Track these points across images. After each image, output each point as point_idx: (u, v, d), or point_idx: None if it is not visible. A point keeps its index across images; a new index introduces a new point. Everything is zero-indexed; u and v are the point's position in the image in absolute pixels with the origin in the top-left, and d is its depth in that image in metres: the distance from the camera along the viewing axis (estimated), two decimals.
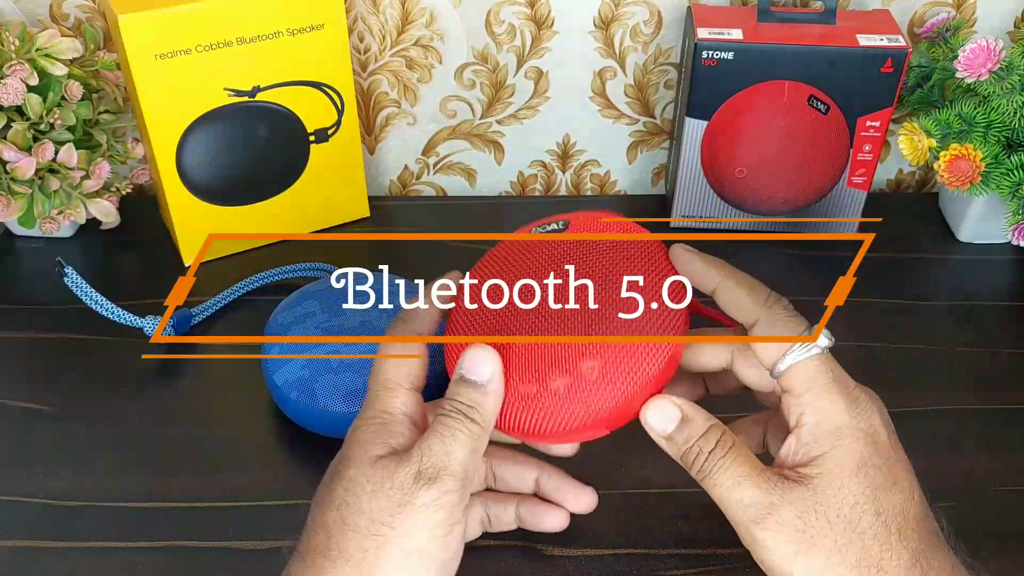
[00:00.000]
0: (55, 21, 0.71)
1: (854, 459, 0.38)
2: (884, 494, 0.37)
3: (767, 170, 0.71)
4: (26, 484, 0.54)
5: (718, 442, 0.39)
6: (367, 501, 0.38)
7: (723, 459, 0.39)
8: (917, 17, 0.73)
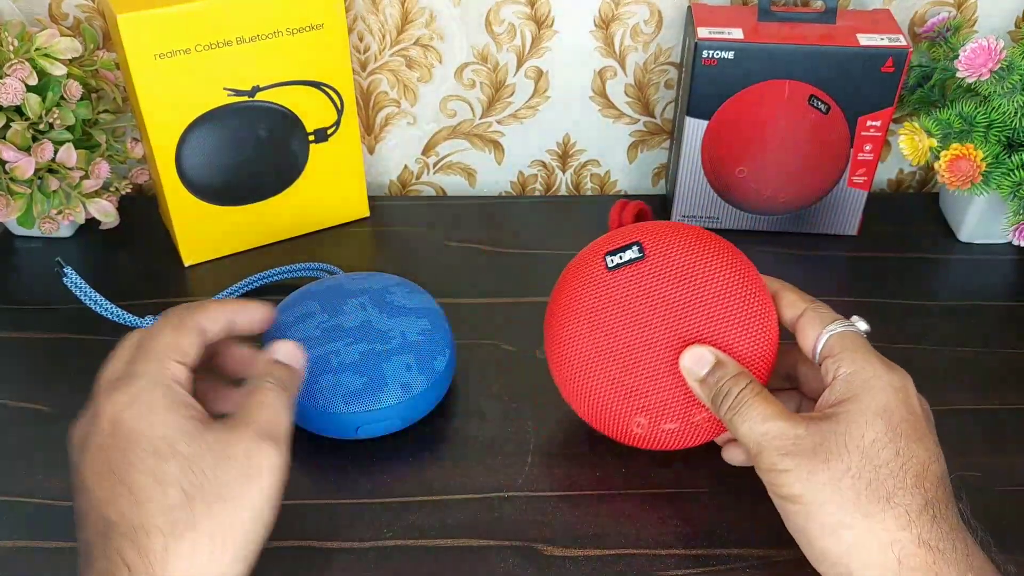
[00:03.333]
0: (54, 21, 0.71)
1: (880, 403, 0.40)
2: (907, 442, 0.40)
3: (768, 170, 0.71)
4: (26, 484, 0.54)
5: (748, 384, 0.43)
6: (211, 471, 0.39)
7: (754, 398, 0.42)
8: (918, 17, 0.73)
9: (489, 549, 0.50)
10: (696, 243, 0.47)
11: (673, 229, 0.48)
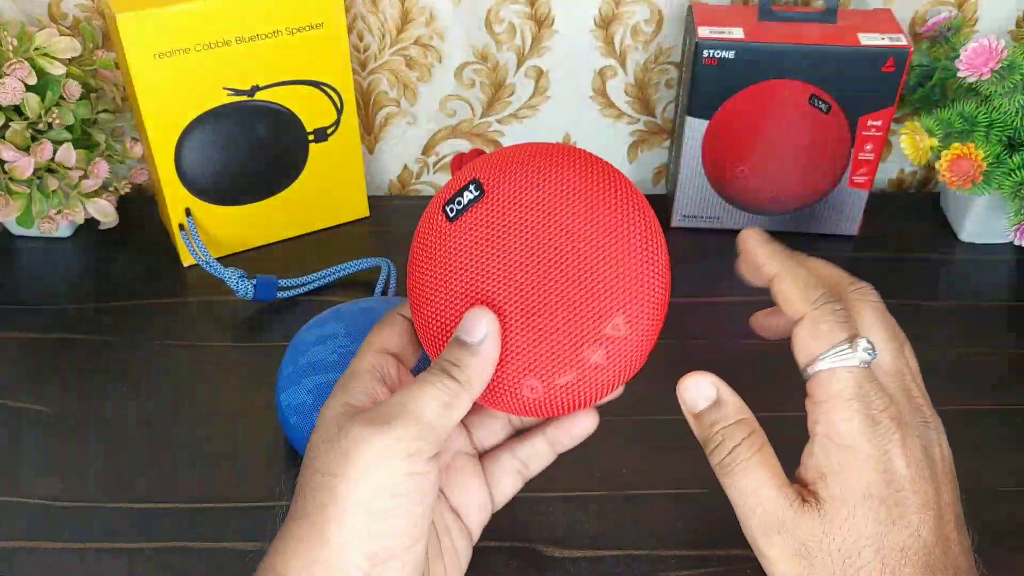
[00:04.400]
0: (53, 20, 0.71)
1: (861, 487, 0.36)
2: (889, 529, 0.36)
3: (768, 169, 0.71)
4: (25, 484, 0.54)
5: (745, 439, 0.38)
6: (321, 458, 0.36)
7: (747, 460, 0.37)
8: (918, 16, 0.73)
9: (490, 550, 0.50)
10: (542, 161, 0.39)
11: (514, 152, 0.40)
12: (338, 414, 0.37)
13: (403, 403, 0.36)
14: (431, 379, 0.37)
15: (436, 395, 0.37)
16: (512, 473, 0.44)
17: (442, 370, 0.37)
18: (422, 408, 0.36)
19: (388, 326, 0.41)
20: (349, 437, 0.36)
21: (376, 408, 0.37)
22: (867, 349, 0.37)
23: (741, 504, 0.38)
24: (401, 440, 0.35)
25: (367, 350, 0.41)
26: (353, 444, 0.35)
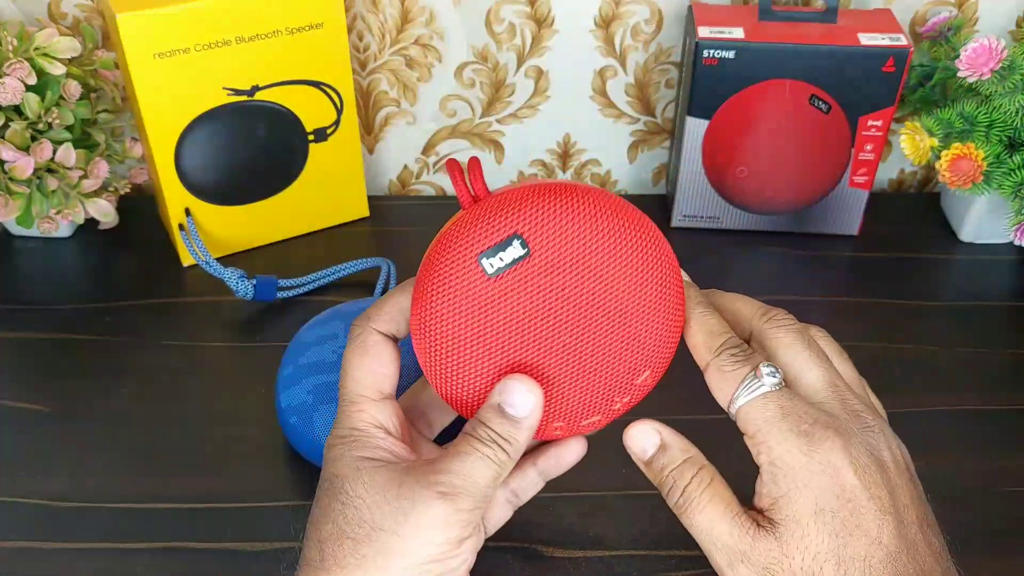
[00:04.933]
0: (53, 20, 0.71)
1: (810, 504, 0.36)
2: (847, 540, 0.36)
3: (768, 169, 0.71)
4: (25, 484, 0.54)
5: (693, 477, 0.39)
6: (367, 511, 0.37)
7: (699, 497, 0.38)
8: (919, 16, 0.73)
9: (489, 550, 0.50)
10: (586, 219, 0.38)
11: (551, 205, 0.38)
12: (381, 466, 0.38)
13: (466, 476, 0.37)
14: (485, 451, 0.38)
15: (492, 468, 0.38)
16: (503, 504, 0.45)
17: (494, 442, 0.38)
18: (481, 481, 0.37)
19: (370, 359, 0.40)
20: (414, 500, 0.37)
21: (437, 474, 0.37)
22: (771, 372, 0.38)
23: (702, 540, 0.38)
24: (463, 512, 0.37)
25: (362, 399, 0.39)
26: (422, 508, 0.36)
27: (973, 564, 0.46)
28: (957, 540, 0.40)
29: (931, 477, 0.55)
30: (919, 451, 0.45)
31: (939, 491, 0.54)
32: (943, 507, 0.49)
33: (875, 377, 0.58)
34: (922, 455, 0.56)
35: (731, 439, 0.40)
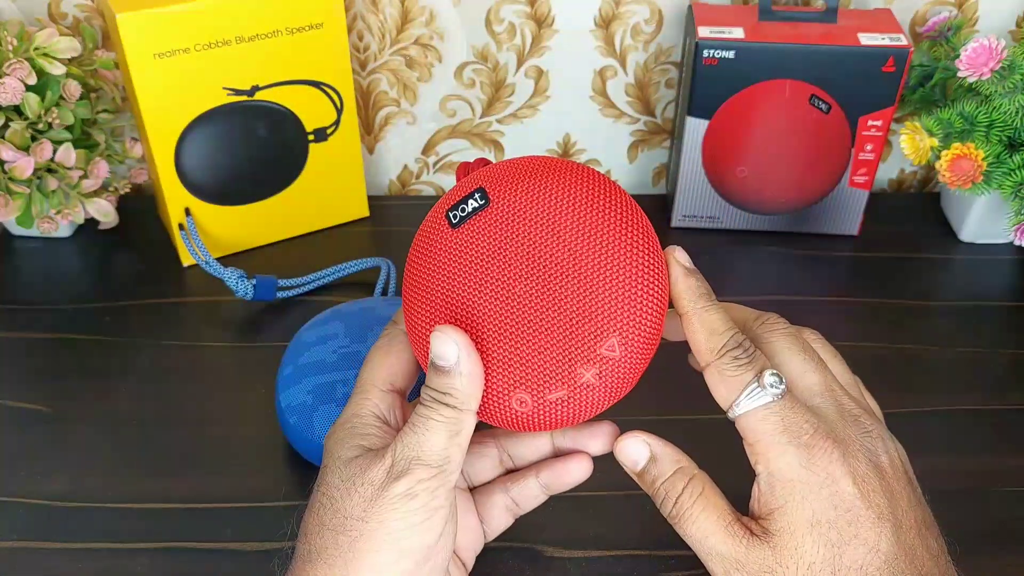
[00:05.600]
0: (53, 20, 0.71)
1: (806, 516, 0.36)
2: (843, 549, 0.36)
3: (768, 169, 0.71)
4: (25, 484, 0.54)
5: (685, 488, 0.39)
6: (341, 500, 0.37)
7: (691, 508, 0.38)
8: (919, 16, 0.73)
9: (490, 550, 0.50)
10: (550, 176, 0.39)
11: (521, 165, 0.40)
12: (356, 456, 0.38)
13: (413, 446, 0.37)
14: (429, 413, 0.38)
15: (440, 429, 0.37)
16: (503, 510, 0.45)
17: (436, 400, 0.38)
18: (433, 445, 0.37)
19: (391, 356, 0.41)
20: (374, 485, 0.37)
21: (386, 458, 0.37)
22: (773, 383, 0.37)
23: (698, 550, 0.38)
24: (423, 482, 0.37)
25: (371, 388, 0.41)
26: (379, 491, 0.37)
27: (973, 564, 0.46)
28: (956, 540, 0.40)
29: (930, 477, 0.55)
30: (919, 451, 0.45)
31: (938, 491, 0.54)
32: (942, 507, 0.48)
33: (875, 377, 0.58)
34: (922, 455, 0.56)
35: (731, 440, 0.40)
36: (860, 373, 0.44)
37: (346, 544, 0.37)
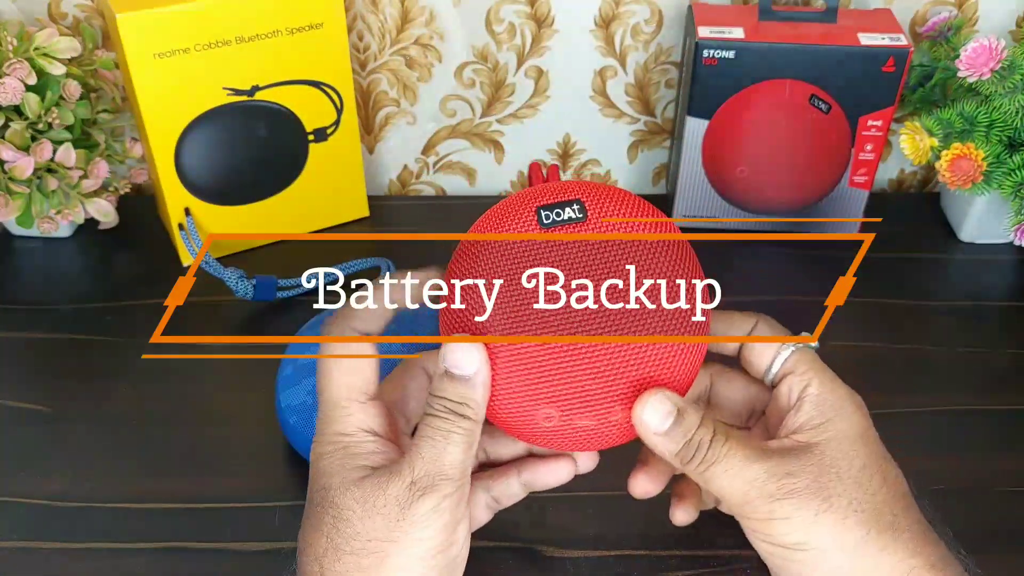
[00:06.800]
0: (53, 20, 0.71)
1: (857, 427, 0.39)
2: (885, 464, 0.39)
3: (768, 169, 0.71)
4: (25, 484, 0.54)
5: (716, 430, 0.38)
6: (359, 523, 0.36)
7: (726, 444, 0.38)
8: (919, 16, 0.73)
9: (489, 550, 0.50)
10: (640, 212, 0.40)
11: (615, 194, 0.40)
12: (365, 476, 0.37)
13: (434, 459, 0.36)
14: (445, 426, 0.37)
15: (457, 441, 0.37)
16: (482, 507, 0.44)
17: (451, 411, 0.37)
18: (451, 459, 0.36)
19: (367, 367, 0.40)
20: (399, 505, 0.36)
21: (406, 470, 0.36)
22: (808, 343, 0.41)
23: (737, 486, 0.37)
24: (446, 498, 0.36)
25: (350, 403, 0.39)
26: (405, 512, 0.36)
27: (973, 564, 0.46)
28: (957, 540, 0.40)
29: (930, 476, 0.55)
30: (919, 451, 0.45)
31: (938, 491, 0.54)
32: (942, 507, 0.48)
33: (875, 377, 0.58)
34: (922, 455, 0.56)
35: None
36: (860, 373, 0.44)
37: (372, 566, 0.36)
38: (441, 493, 0.36)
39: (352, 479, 0.37)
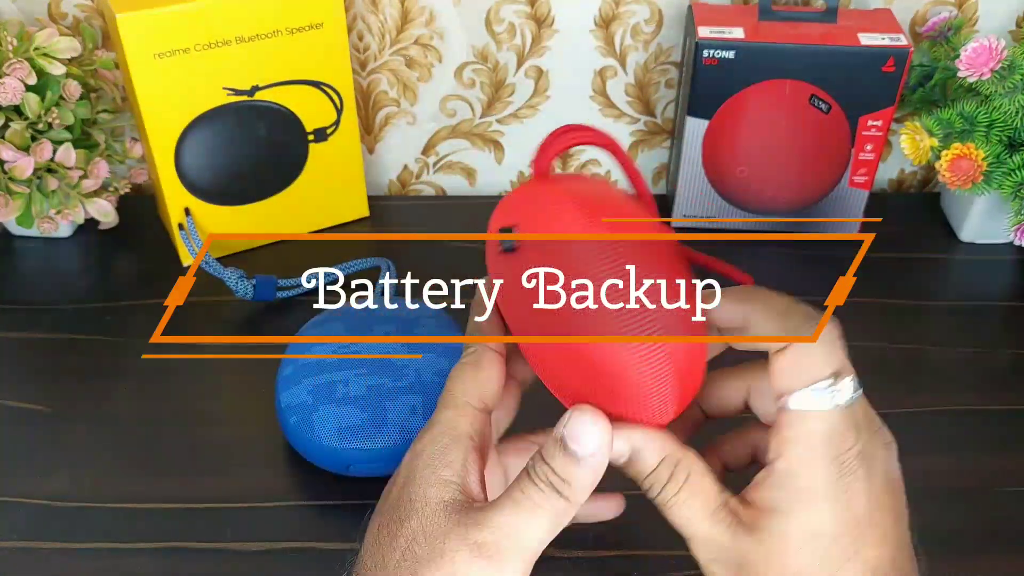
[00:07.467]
0: (53, 20, 0.71)
1: (809, 527, 0.34)
2: (843, 566, 0.34)
3: (768, 170, 0.71)
4: (25, 484, 0.54)
5: (671, 478, 0.36)
6: (423, 563, 0.34)
7: (676, 496, 0.36)
8: (919, 16, 0.73)
9: None
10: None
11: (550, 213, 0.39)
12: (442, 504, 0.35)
13: (512, 532, 0.33)
14: (539, 499, 0.34)
15: (545, 520, 0.34)
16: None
17: (551, 486, 0.34)
18: (531, 536, 0.34)
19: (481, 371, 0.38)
20: (455, 563, 0.33)
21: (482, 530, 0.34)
22: (854, 387, 0.35)
23: (684, 535, 0.36)
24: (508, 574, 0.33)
25: (467, 405, 0.37)
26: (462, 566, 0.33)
27: (973, 564, 0.46)
28: (957, 540, 0.40)
29: (930, 477, 0.55)
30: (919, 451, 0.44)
31: (938, 491, 0.54)
32: (942, 507, 0.49)
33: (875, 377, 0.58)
34: (922, 455, 0.56)
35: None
36: (860, 373, 0.43)
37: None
38: (501, 567, 0.33)
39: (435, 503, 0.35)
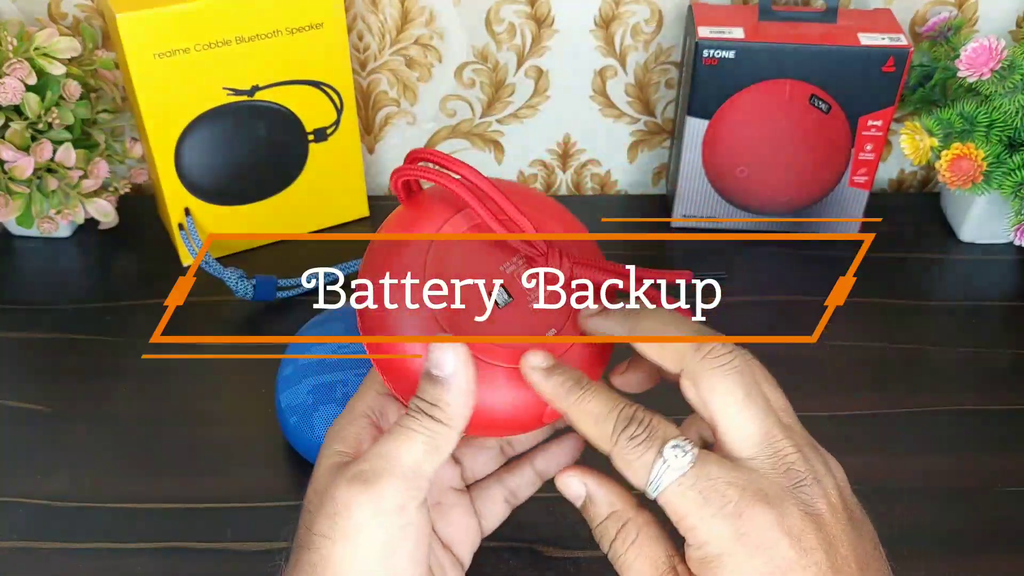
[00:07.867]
0: (53, 20, 0.71)
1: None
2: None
3: (768, 169, 0.71)
4: (25, 484, 0.54)
5: (618, 534, 0.36)
6: (311, 515, 0.36)
7: (624, 555, 0.36)
8: (919, 16, 0.73)
9: (490, 550, 0.50)
10: None
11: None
12: (329, 465, 0.37)
13: (386, 455, 0.35)
14: (412, 424, 0.36)
15: (419, 440, 0.35)
16: (500, 502, 0.44)
17: (421, 411, 0.36)
18: (406, 457, 0.35)
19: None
20: (336, 500, 0.35)
21: (359, 463, 0.35)
22: (677, 455, 0.34)
23: None
24: (388, 497, 0.35)
25: (368, 389, 0.40)
26: (342, 507, 0.35)
27: (973, 564, 0.46)
28: (957, 540, 0.40)
29: (930, 477, 0.55)
30: (919, 451, 0.45)
31: (938, 491, 0.54)
32: (942, 507, 0.49)
33: (875, 377, 0.58)
34: (922, 455, 0.56)
35: None
36: (860, 373, 0.43)
37: (320, 563, 0.35)
38: (381, 491, 0.34)
39: (325, 466, 0.37)
